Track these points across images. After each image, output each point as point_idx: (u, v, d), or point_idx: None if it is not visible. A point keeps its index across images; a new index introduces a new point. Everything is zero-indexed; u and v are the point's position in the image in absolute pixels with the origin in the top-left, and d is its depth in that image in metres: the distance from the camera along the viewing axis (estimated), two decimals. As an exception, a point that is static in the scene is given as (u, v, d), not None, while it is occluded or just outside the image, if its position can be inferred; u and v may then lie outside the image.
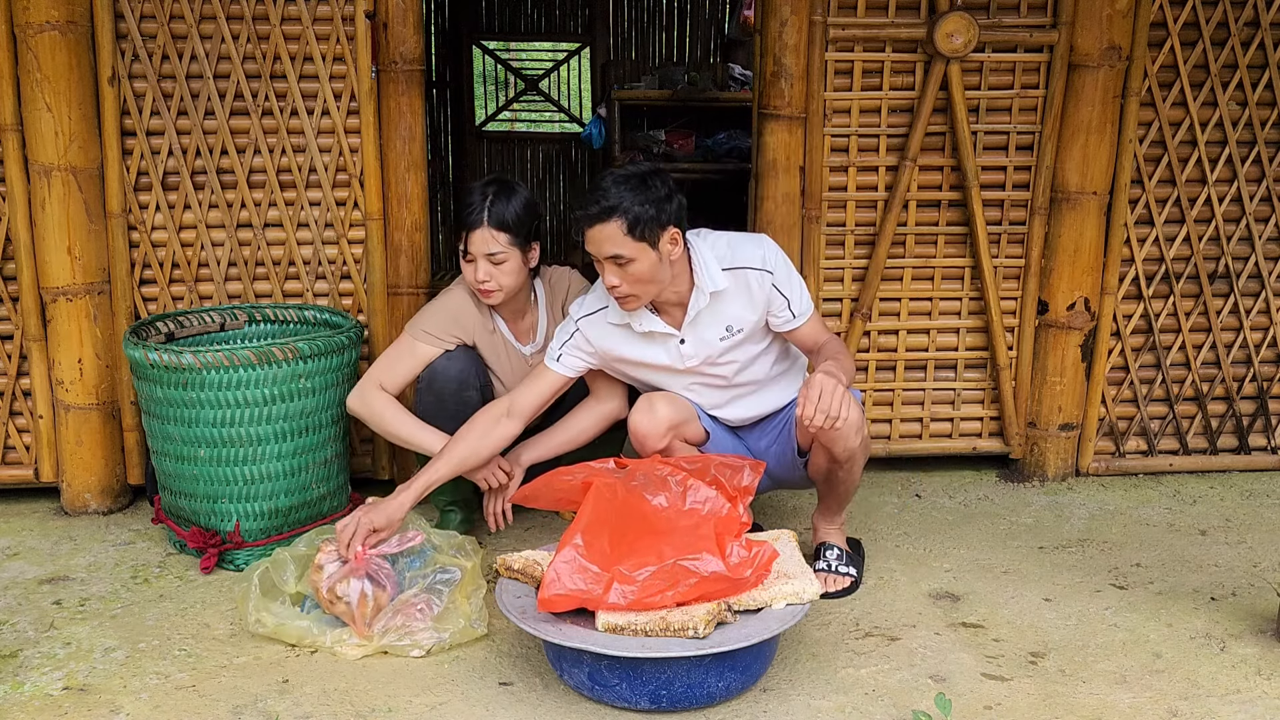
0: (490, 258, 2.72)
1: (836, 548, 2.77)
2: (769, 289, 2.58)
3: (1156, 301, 3.42)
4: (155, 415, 2.83)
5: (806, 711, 2.20)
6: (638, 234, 2.43)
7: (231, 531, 2.81)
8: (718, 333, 2.61)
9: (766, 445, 2.76)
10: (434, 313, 2.83)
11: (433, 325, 2.81)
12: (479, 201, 2.72)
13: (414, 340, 2.80)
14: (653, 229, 2.44)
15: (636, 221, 2.42)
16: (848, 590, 2.70)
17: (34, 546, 2.97)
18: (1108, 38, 3.14)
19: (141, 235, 3.10)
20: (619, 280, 2.48)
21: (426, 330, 2.80)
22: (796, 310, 2.62)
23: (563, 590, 2.18)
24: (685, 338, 2.62)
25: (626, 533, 2.27)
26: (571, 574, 2.20)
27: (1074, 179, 3.24)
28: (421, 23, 3.10)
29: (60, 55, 2.91)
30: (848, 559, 2.76)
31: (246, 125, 3.08)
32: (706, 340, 2.62)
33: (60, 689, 2.27)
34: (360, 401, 2.81)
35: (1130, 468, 3.52)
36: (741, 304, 2.59)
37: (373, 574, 2.42)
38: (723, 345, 2.63)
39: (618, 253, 2.44)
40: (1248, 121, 3.30)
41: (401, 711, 2.20)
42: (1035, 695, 2.27)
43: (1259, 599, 2.68)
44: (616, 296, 2.53)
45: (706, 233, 2.65)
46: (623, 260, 2.45)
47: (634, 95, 6.54)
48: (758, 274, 2.57)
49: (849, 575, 2.73)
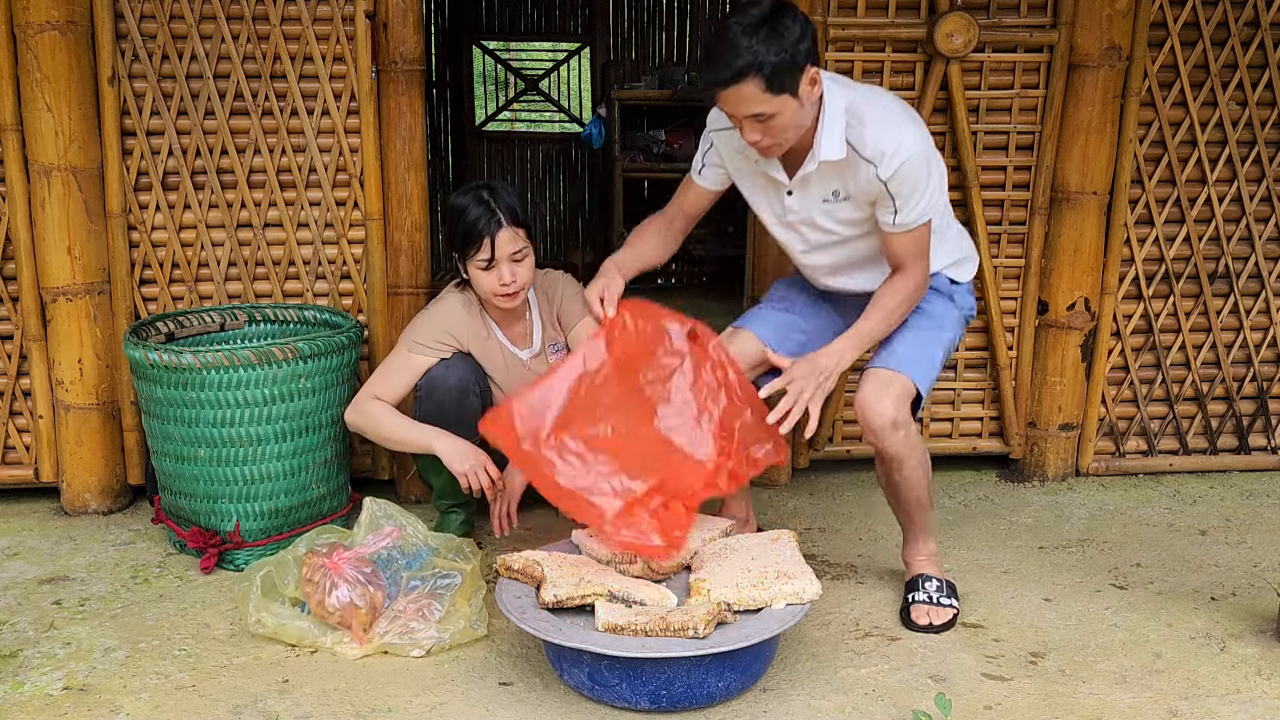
0: (513, 256, 2.68)
1: (935, 579, 2.59)
2: (877, 184, 2.36)
3: (1156, 301, 3.42)
4: (155, 415, 2.83)
5: (806, 711, 2.20)
6: (777, 88, 2.21)
7: (231, 531, 2.81)
8: (824, 194, 2.44)
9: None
10: (426, 322, 2.81)
11: (425, 335, 2.78)
12: (485, 206, 2.67)
13: (409, 352, 2.78)
14: (793, 76, 2.22)
15: (775, 74, 2.20)
16: (949, 624, 2.52)
17: (34, 546, 2.97)
18: (1108, 38, 3.14)
19: (141, 235, 3.10)
20: (760, 135, 2.29)
21: (419, 341, 2.77)
22: (898, 220, 2.38)
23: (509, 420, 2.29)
24: (793, 189, 2.46)
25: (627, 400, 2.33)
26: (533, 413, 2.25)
27: (1074, 179, 3.24)
28: (421, 23, 3.10)
29: (60, 55, 2.91)
30: (948, 590, 2.58)
31: (246, 125, 3.08)
32: (811, 200, 2.46)
33: (60, 689, 2.28)
34: (356, 412, 2.79)
35: (1130, 468, 3.52)
36: (851, 178, 2.40)
37: (355, 580, 2.40)
38: (825, 208, 2.46)
39: (758, 111, 2.25)
40: (1248, 121, 3.31)
41: (401, 711, 2.20)
42: (1035, 695, 2.27)
43: (1259, 599, 2.68)
44: (760, 150, 2.35)
45: (847, 87, 2.41)
46: (764, 117, 2.26)
47: (634, 95, 6.54)
48: (867, 164, 2.35)
49: (951, 607, 2.54)
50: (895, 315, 2.47)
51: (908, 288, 2.46)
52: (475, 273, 2.71)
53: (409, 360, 2.78)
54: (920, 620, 2.53)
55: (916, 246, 2.44)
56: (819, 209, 2.48)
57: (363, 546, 2.48)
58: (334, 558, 2.42)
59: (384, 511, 2.60)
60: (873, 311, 2.46)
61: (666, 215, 2.72)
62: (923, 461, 2.54)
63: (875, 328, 2.46)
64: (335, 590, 2.38)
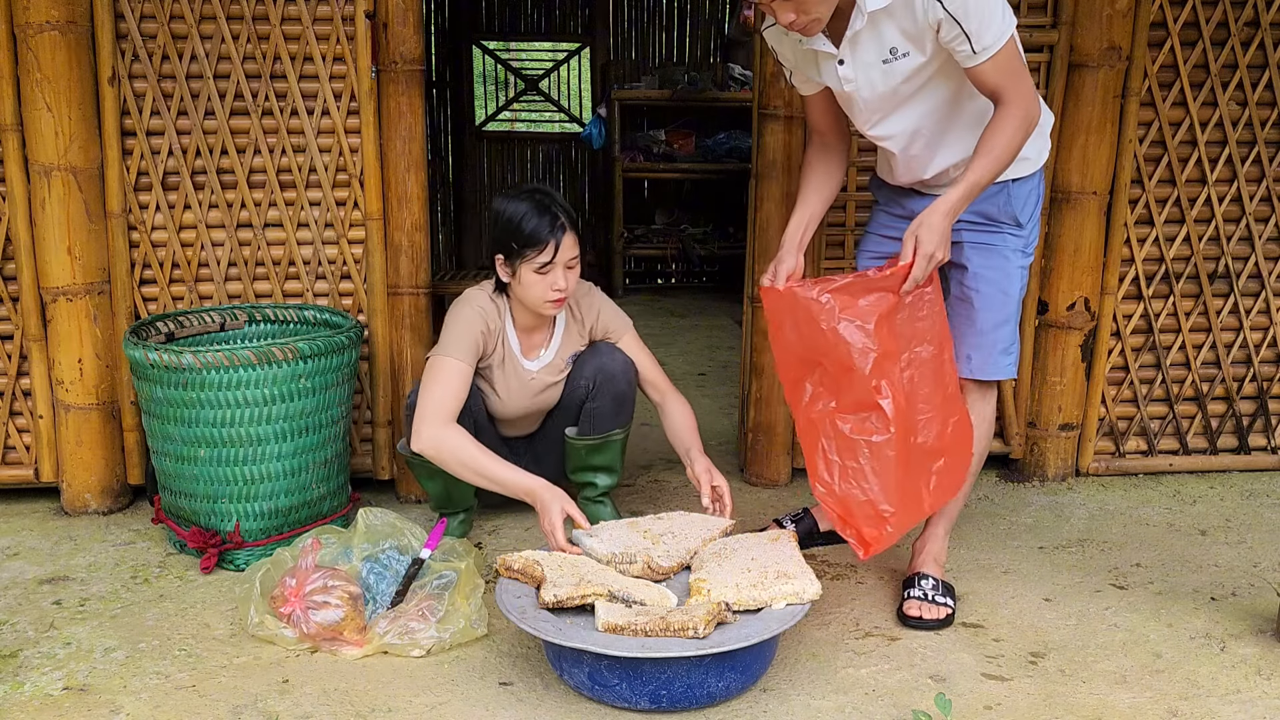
0: (569, 263, 2.69)
1: (932, 578, 2.60)
2: (938, 12, 2.16)
3: (1156, 301, 3.42)
4: (155, 415, 2.83)
5: (806, 711, 2.21)
6: None
7: (231, 531, 2.81)
8: (880, 54, 2.28)
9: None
10: (460, 335, 2.75)
11: (465, 343, 2.74)
12: (547, 210, 2.65)
13: (456, 361, 2.71)
14: None
15: None
16: (943, 622, 2.53)
17: (34, 546, 2.97)
18: (1108, 38, 3.14)
19: (141, 235, 3.10)
20: (793, 13, 2.19)
21: (463, 348, 2.73)
22: (977, 45, 2.18)
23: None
24: (844, 58, 2.32)
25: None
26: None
27: (1074, 179, 3.24)
28: (421, 23, 3.09)
29: (60, 55, 2.91)
30: (945, 590, 2.59)
31: (246, 125, 3.08)
32: (867, 63, 2.30)
33: (60, 689, 2.28)
34: (434, 443, 2.63)
35: (1130, 468, 3.52)
36: (909, 22, 2.22)
37: (322, 603, 2.39)
38: (886, 72, 2.30)
39: None
40: (1248, 121, 3.31)
41: (401, 711, 2.20)
42: (1035, 695, 2.27)
43: (1259, 599, 2.69)
44: (800, 30, 2.24)
45: None
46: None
47: (634, 95, 6.55)
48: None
49: (945, 606, 2.55)
50: (1005, 154, 2.27)
51: (1016, 120, 2.25)
52: (528, 276, 2.68)
53: (460, 369, 2.71)
54: (911, 612, 2.55)
55: (1010, 67, 2.22)
56: (878, 72, 2.32)
57: (304, 559, 2.47)
58: (290, 593, 2.41)
59: (380, 520, 2.60)
60: (977, 159, 2.27)
61: (812, 140, 2.60)
62: (984, 435, 2.59)
63: (984, 174, 2.27)
64: (311, 616, 2.38)
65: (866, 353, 2.29)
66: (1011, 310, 2.55)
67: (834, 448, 2.38)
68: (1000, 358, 2.56)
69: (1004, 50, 2.20)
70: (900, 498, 2.37)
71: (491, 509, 3.14)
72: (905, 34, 2.25)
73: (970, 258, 2.51)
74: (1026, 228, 2.53)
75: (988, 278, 2.51)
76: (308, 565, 2.46)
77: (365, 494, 3.24)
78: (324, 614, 2.38)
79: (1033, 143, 2.42)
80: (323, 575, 2.43)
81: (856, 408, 2.35)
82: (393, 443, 3.26)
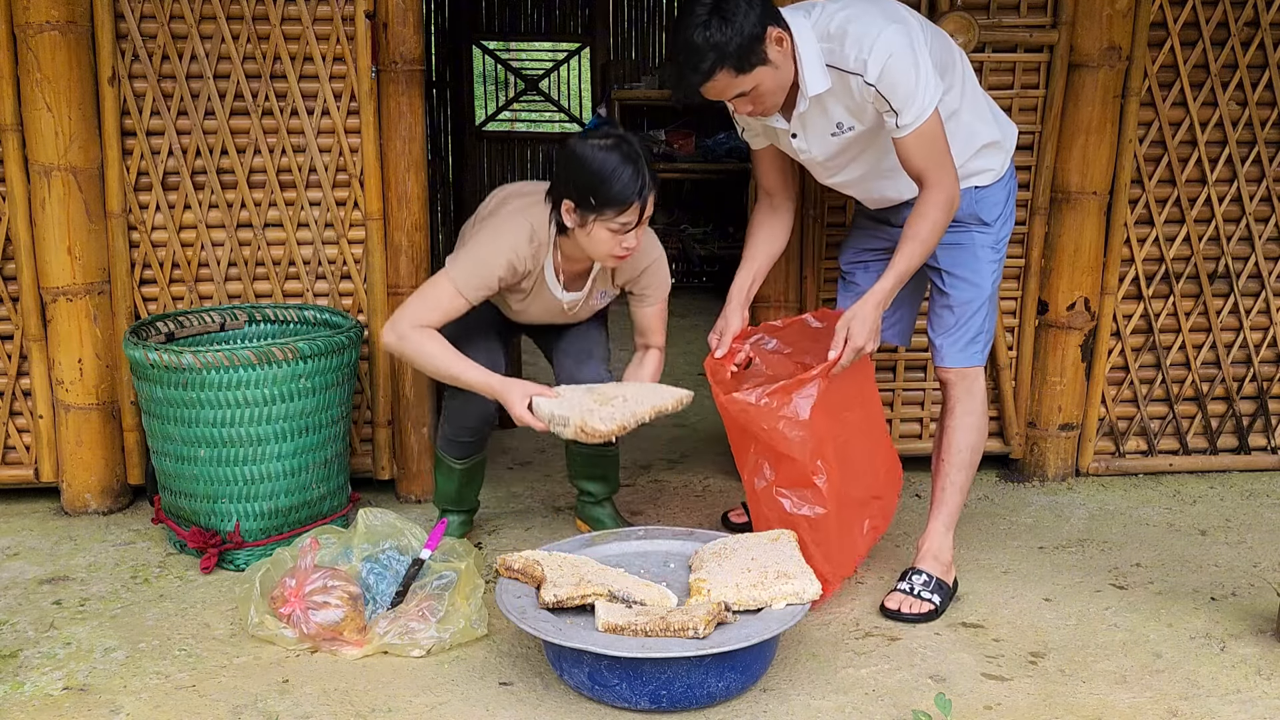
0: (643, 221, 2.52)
1: (926, 573, 2.62)
2: (869, 91, 2.34)
3: (1156, 301, 3.42)
4: (155, 415, 2.83)
5: (806, 711, 2.21)
6: (747, 66, 2.28)
7: (231, 531, 2.81)
8: (828, 129, 2.47)
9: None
10: (476, 271, 2.57)
11: (480, 278, 2.56)
12: (636, 167, 2.44)
13: (458, 295, 2.56)
14: (757, 50, 2.28)
15: (740, 57, 2.27)
16: (924, 617, 2.56)
17: (34, 546, 2.97)
18: (1108, 38, 3.14)
19: (141, 235, 3.10)
20: (751, 106, 2.38)
21: (472, 285, 2.56)
22: (900, 122, 2.34)
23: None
24: (795, 130, 2.49)
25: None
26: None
27: (1074, 179, 3.24)
28: (421, 23, 3.09)
29: (60, 55, 2.91)
30: (937, 586, 2.60)
31: (246, 125, 3.08)
32: (818, 135, 2.49)
33: (60, 689, 2.28)
34: (398, 337, 2.55)
35: (1130, 468, 3.52)
36: (847, 99, 2.40)
37: (319, 603, 2.39)
38: (835, 142, 2.49)
39: (740, 92, 2.34)
40: (1248, 121, 3.30)
41: (401, 711, 2.20)
42: (1035, 695, 2.28)
43: (1259, 599, 2.69)
44: (758, 116, 2.44)
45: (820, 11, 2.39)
46: (747, 93, 2.34)
47: (634, 95, 6.54)
48: (854, 77, 2.34)
49: (929, 601, 2.57)
50: (931, 238, 2.41)
51: (938, 205, 2.39)
52: (601, 233, 2.47)
53: (455, 301, 2.56)
54: (890, 605, 2.58)
55: (932, 147, 2.37)
56: (830, 144, 2.51)
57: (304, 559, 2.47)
58: (290, 593, 2.41)
59: (380, 520, 2.60)
60: (904, 245, 2.41)
61: (760, 201, 2.75)
62: (973, 455, 2.69)
63: (912, 260, 2.41)
64: (311, 617, 2.38)
65: (804, 443, 2.46)
66: (983, 301, 2.65)
67: (775, 519, 2.54)
68: (968, 346, 2.66)
69: (925, 127, 2.35)
70: (840, 556, 2.57)
71: (492, 509, 3.14)
72: (848, 109, 2.43)
73: (940, 257, 2.62)
74: (994, 225, 2.64)
75: (959, 275, 2.63)
76: (307, 565, 2.46)
77: (365, 494, 3.24)
78: (324, 614, 2.38)
79: (995, 155, 2.61)
80: (323, 575, 2.43)
81: (794, 484, 2.51)
82: (392, 443, 3.26)
